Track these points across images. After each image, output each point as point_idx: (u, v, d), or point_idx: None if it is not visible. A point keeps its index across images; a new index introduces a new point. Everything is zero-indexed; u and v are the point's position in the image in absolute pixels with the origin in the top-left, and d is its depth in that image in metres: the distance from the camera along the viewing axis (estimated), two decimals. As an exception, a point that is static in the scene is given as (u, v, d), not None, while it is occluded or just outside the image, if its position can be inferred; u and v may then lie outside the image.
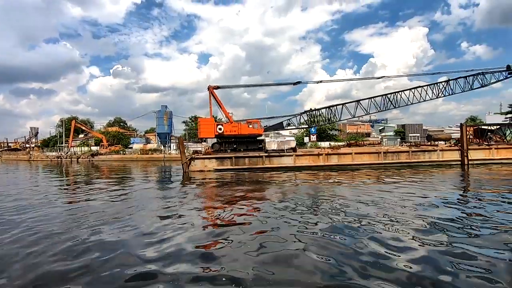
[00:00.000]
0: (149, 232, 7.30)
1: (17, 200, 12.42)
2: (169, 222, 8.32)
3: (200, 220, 8.75)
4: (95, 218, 8.73)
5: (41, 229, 7.63)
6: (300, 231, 7.03)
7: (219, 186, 16.12)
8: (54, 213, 9.80)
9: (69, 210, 10.42)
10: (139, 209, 10.25)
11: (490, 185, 14.33)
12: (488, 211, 8.62)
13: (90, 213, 9.52)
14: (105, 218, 8.85)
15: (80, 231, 7.44)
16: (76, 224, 8.17)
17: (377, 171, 21.00)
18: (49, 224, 8.22)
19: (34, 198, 12.90)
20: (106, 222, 8.35)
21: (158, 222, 8.36)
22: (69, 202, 12.64)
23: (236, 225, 7.85)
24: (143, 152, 47.49)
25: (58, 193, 15.45)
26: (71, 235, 7.06)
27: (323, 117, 31.21)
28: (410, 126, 57.15)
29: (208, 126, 27.84)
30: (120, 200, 12.31)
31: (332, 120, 32.05)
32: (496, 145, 24.98)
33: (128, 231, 7.40)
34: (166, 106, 51.59)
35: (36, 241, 6.70)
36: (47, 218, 8.94)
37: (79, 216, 9.11)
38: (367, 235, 6.51)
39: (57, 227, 7.90)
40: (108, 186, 17.15)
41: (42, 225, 8.10)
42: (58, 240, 6.75)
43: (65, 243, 6.47)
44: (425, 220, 7.66)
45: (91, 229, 7.58)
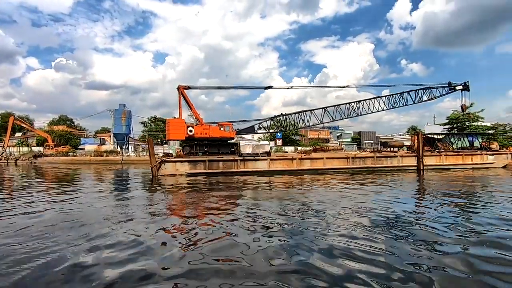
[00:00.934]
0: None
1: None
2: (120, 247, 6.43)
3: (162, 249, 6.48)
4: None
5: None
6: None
7: (191, 192, 14.72)
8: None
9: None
10: (80, 223, 8.35)
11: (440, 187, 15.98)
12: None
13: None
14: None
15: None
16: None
17: (346, 175, 21.96)
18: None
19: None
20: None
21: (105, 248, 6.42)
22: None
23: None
24: (97, 154, 43.36)
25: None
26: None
27: (291, 122, 31.94)
28: (365, 134, 61.55)
29: (178, 128, 26.52)
30: (58, 212, 10.13)
31: (298, 126, 32.96)
32: (445, 152, 27.95)
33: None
34: (124, 105, 48.04)
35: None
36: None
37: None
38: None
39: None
40: (50, 194, 14.59)
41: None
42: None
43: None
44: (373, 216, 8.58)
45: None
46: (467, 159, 27.76)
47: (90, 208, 10.86)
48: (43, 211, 10.26)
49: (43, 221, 8.80)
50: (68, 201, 12.34)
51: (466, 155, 27.90)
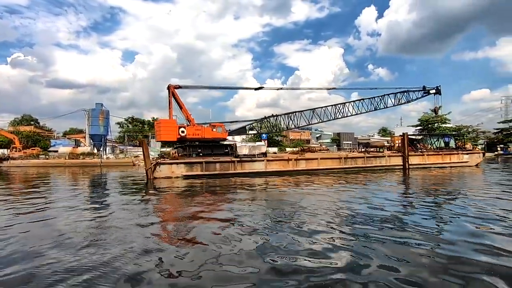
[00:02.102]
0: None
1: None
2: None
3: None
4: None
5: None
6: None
7: (189, 197, 13.78)
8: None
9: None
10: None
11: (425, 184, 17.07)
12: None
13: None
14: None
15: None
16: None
17: (339, 175, 22.55)
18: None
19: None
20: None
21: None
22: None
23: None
24: (73, 157, 40.56)
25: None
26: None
27: (281, 123, 32.20)
28: (344, 135, 63.78)
29: (170, 129, 25.63)
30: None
31: (288, 127, 33.34)
32: (427, 152, 29.71)
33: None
34: (101, 105, 45.48)
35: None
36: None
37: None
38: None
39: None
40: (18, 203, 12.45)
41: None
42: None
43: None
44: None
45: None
46: (446, 158, 29.75)
47: (73, 221, 8.85)
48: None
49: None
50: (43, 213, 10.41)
51: (445, 154, 29.90)
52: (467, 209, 9.97)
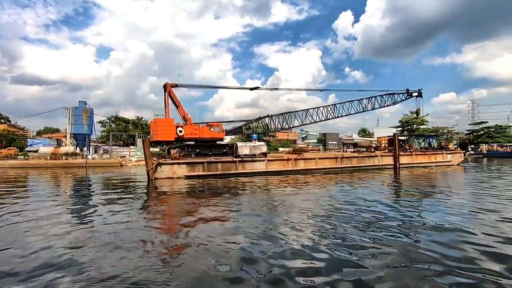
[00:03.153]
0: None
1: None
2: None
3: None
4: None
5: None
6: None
7: (196, 199, 12.92)
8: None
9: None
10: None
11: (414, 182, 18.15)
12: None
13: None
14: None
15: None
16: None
17: (337, 175, 23.20)
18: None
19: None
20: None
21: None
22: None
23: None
24: (55, 157, 38.43)
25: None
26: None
27: (277, 123, 32.51)
28: (330, 135, 65.34)
29: (168, 128, 25.10)
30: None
31: (283, 127, 33.74)
32: (416, 152, 31.22)
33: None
34: (85, 102, 43.46)
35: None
36: None
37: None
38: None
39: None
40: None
41: None
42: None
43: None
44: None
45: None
46: (432, 157, 31.44)
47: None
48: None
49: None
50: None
51: (431, 154, 31.58)
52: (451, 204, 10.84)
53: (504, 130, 69.90)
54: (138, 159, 43.26)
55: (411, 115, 62.51)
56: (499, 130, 69.39)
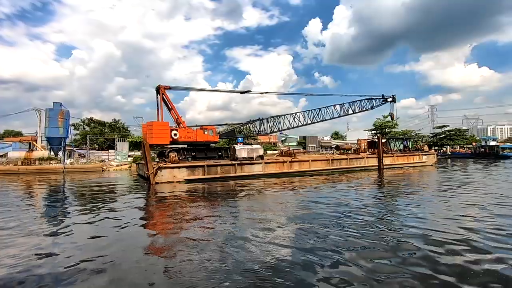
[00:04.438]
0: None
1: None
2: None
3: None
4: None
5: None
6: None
7: (198, 207, 12.47)
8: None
9: None
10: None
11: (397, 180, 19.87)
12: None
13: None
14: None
15: None
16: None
17: (329, 176, 24.33)
18: None
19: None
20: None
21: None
22: None
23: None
24: (28, 162, 35.62)
25: None
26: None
27: (266, 126, 33.15)
28: (310, 138, 67.37)
29: (162, 131, 24.67)
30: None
31: (273, 130, 34.47)
32: (396, 154, 33.47)
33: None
34: (61, 104, 40.76)
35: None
36: None
37: None
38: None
39: None
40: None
41: None
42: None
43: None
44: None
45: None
46: (410, 159, 33.90)
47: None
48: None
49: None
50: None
51: (410, 155, 34.05)
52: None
53: (463, 133, 76.75)
54: (119, 163, 41.51)
55: (384, 119, 66.41)
56: (459, 133, 76.04)
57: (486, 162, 42.61)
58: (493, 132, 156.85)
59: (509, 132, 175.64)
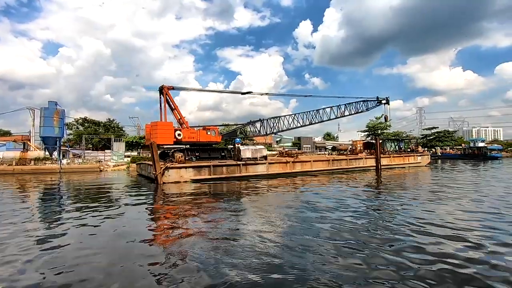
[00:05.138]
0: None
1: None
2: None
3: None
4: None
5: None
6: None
7: (206, 207, 12.48)
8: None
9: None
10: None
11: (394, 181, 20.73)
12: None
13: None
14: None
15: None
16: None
17: (330, 175, 24.90)
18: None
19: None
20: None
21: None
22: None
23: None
24: (23, 162, 34.84)
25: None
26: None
27: (267, 126, 33.56)
28: (304, 139, 68.17)
29: (167, 132, 24.79)
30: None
31: (275, 131, 34.90)
32: (393, 154, 34.44)
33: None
34: (56, 103, 40.01)
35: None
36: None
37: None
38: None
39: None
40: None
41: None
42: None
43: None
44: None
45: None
46: (406, 159, 34.94)
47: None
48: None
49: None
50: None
51: (405, 156, 35.09)
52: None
53: (451, 134, 79.17)
54: (116, 164, 41.07)
55: (376, 121, 67.86)
56: (447, 134, 78.40)
57: (475, 163, 44.23)
58: (478, 134, 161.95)
59: (492, 134, 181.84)
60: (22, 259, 6.57)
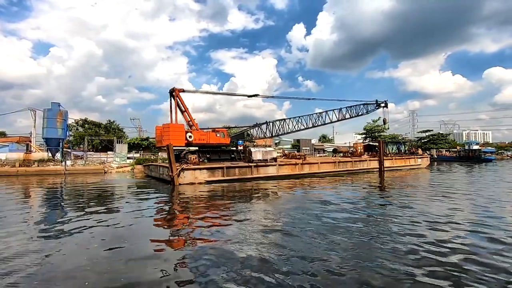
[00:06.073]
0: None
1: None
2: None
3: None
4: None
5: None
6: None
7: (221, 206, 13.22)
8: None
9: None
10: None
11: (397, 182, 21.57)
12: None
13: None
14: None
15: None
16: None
17: (337, 177, 25.60)
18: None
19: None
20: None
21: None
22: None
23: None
24: (26, 164, 34.54)
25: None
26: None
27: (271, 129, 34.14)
28: (303, 141, 68.92)
29: (178, 133, 25.15)
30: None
31: (280, 133, 35.48)
32: (395, 156, 35.36)
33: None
34: (59, 104, 39.88)
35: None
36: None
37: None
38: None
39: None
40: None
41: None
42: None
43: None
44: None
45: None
46: (407, 161, 35.92)
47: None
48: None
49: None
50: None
51: (407, 158, 36.07)
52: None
53: (445, 137, 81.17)
54: (119, 165, 40.98)
55: (373, 123, 69.21)
56: (441, 137, 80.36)
57: (471, 165, 45.62)
58: (468, 137, 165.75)
59: (482, 137, 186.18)
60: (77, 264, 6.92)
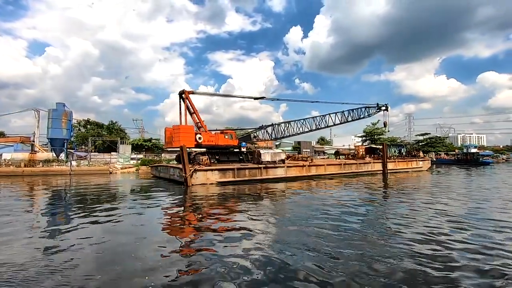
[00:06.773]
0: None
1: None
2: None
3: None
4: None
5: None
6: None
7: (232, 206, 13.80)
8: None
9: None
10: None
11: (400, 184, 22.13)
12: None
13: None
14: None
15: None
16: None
17: (343, 179, 26.11)
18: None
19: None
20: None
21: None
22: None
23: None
24: (32, 164, 34.54)
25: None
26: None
27: (278, 130, 34.63)
28: (304, 143, 69.52)
29: (188, 135, 25.52)
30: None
31: (285, 135, 35.96)
32: (398, 159, 36.02)
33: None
34: (64, 104, 39.95)
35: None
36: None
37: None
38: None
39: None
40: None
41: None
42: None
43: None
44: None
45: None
46: (409, 164, 36.60)
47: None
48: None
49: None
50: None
51: (409, 161, 36.75)
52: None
53: (443, 140, 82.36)
54: (123, 166, 41.10)
55: (373, 126, 70.07)
56: (439, 140, 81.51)
57: (469, 168, 46.51)
58: (463, 140, 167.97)
59: (476, 140, 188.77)
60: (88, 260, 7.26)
